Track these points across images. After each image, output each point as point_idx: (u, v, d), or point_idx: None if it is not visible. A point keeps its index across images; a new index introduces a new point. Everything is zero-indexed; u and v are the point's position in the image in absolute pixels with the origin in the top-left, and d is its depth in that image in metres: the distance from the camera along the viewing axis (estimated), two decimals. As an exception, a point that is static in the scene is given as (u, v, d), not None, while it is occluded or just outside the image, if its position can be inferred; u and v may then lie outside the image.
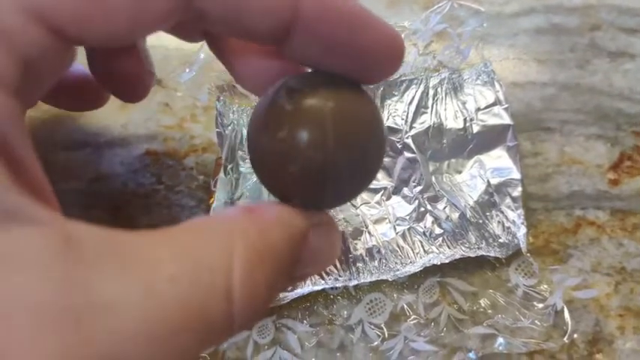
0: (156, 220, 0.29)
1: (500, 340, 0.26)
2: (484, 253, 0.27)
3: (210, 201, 0.29)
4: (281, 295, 0.27)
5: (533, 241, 0.28)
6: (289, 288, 0.26)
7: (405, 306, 0.27)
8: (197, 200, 0.29)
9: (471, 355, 0.26)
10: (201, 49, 0.31)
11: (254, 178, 0.29)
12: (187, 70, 0.32)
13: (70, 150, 0.30)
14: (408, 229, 0.28)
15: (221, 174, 0.29)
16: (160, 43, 0.33)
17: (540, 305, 0.27)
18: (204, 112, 0.31)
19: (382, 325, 0.27)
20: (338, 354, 0.26)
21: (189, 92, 0.31)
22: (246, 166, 0.30)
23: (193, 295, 0.14)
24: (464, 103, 0.30)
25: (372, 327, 0.27)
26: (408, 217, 0.28)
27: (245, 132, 0.30)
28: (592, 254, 0.28)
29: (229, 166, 0.29)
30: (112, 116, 0.30)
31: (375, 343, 0.26)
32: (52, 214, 0.14)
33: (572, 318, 0.26)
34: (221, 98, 0.30)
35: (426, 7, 0.33)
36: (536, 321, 0.26)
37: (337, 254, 0.20)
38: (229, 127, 0.30)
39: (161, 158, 0.30)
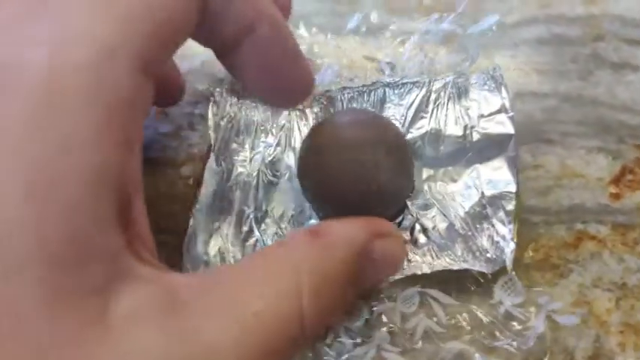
0: (152, 229, 0.29)
1: (477, 357, 0.26)
2: (469, 267, 0.26)
3: (198, 189, 0.29)
4: None
5: (532, 255, 0.27)
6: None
7: (382, 313, 0.26)
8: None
9: (443, 371, 0.25)
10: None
11: (245, 171, 0.30)
12: (187, 62, 0.32)
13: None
14: None
15: (213, 164, 0.29)
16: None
17: (521, 326, 0.26)
18: (201, 120, 0.31)
19: (356, 331, 0.26)
20: (310, 354, 0.26)
21: (188, 79, 0.31)
22: (239, 159, 0.30)
23: (275, 324, 0.16)
24: (467, 109, 0.29)
25: (346, 331, 0.26)
26: (394, 224, 0.28)
27: (242, 125, 0.31)
28: (593, 269, 0.27)
29: (222, 157, 0.29)
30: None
31: (347, 348, 0.26)
32: (154, 271, 0.16)
33: (572, 334, 0.26)
34: (217, 89, 0.31)
35: (427, 14, 0.33)
36: (514, 342, 0.26)
37: (401, 263, 0.24)
38: (225, 119, 0.30)
39: (158, 166, 0.30)
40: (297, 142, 0.30)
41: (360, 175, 0.24)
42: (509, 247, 0.26)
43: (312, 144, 0.26)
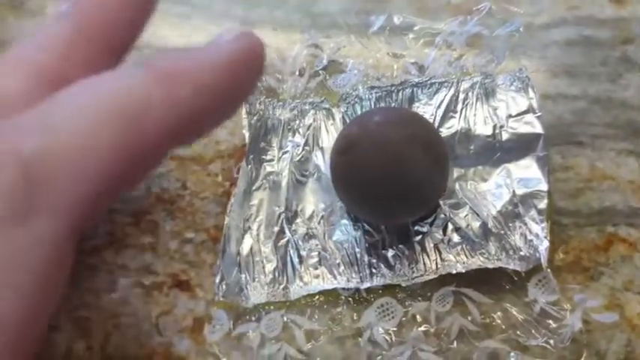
0: (180, 227, 0.29)
1: (512, 356, 0.25)
2: (503, 265, 0.26)
3: (232, 189, 0.29)
4: (291, 290, 0.27)
5: (563, 258, 0.27)
6: None
7: (417, 313, 0.26)
8: (222, 206, 0.29)
9: (481, 370, 0.25)
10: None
11: (274, 170, 0.29)
12: None
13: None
14: (426, 235, 0.27)
15: (243, 162, 0.29)
16: (185, 45, 0.33)
17: (557, 324, 0.26)
18: (229, 118, 0.31)
19: (391, 331, 0.26)
20: (344, 355, 0.26)
21: None
22: (267, 158, 0.30)
23: None
24: (495, 109, 0.29)
25: (381, 331, 0.26)
26: (426, 223, 0.28)
27: (270, 124, 0.30)
28: (624, 272, 0.27)
29: (251, 156, 0.29)
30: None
31: (383, 347, 0.26)
32: None
33: (604, 337, 0.26)
34: None
35: (454, 14, 0.33)
36: (550, 340, 0.25)
37: None
38: (255, 117, 0.30)
39: (186, 163, 0.30)
40: (325, 141, 0.30)
41: (399, 172, 0.24)
42: (543, 245, 0.26)
43: (346, 143, 0.26)
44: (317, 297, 0.27)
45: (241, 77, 0.18)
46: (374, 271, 0.27)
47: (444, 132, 0.29)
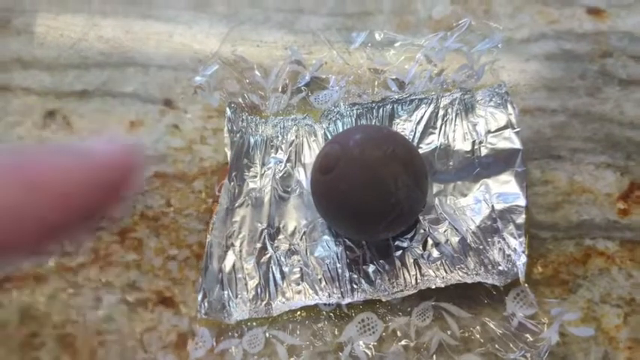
0: (164, 244, 0.29)
1: None
2: (482, 280, 0.26)
3: (214, 206, 0.29)
4: (273, 306, 0.27)
5: (542, 271, 0.28)
6: None
7: (397, 328, 0.27)
8: (205, 223, 0.29)
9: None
10: (214, 57, 0.32)
11: (257, 187, 0.30)
12: (199, 77, 0.32)
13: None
14: (406, 250, 0.28)
15: (225, 180, 0.29)
16: (169, 63, 0.33)
17: (534, 338, 0.26)
18: (213, 135, 0.31)
19: (371, 346, 0.26)
20: None
21: (202, 96, 0.32)
22: (250, 175, 0.30)
23: None
24: (474, 125, 0.30)
25: (362, 346, 0.26)
26: (406, 239, 0.28)
27: (252, 140, 0.31)
28: (601, 285, 0.27)
29: (234, 174, 0.30)
30: (120, 137, 0.30)
31: None
32: None
33: (580, 350, 0.26)
34: (232, 104, 0.31)
35: (435, 30, 0.33)
36: (528, 354, 0.26)
37: None
38: (238, 135, 0.31)
39: (170, 180, 0.30)
40: (307, 157, 0.30)
41: (379, 190, 0.24)
42: (521, 260, 0.26)
43: (327, 161, 0.26)
44: (299, 313, 0.27)
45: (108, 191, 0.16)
46: (355, 286, 0.27)
47: (424, 148, 0.30)
